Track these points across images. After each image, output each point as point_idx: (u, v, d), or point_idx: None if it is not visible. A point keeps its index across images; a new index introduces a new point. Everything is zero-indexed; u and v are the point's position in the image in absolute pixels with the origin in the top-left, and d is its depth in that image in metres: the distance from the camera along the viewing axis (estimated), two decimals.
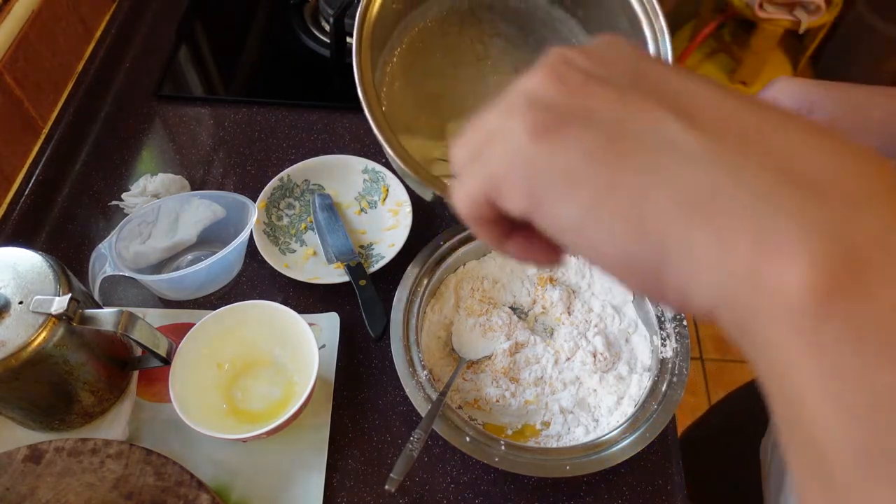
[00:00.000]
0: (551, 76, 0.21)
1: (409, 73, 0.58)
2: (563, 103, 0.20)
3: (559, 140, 0.20)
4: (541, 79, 0.21)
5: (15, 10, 0.75)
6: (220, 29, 1.00)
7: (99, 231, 0.75)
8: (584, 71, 0.21)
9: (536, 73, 0.22)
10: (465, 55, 0.59)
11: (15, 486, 0.51)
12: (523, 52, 0.60)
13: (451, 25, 0.58)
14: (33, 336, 0.49)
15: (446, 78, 0.59)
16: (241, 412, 0.60)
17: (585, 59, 0.21)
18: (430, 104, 0.59)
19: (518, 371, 0.62)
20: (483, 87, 0.59)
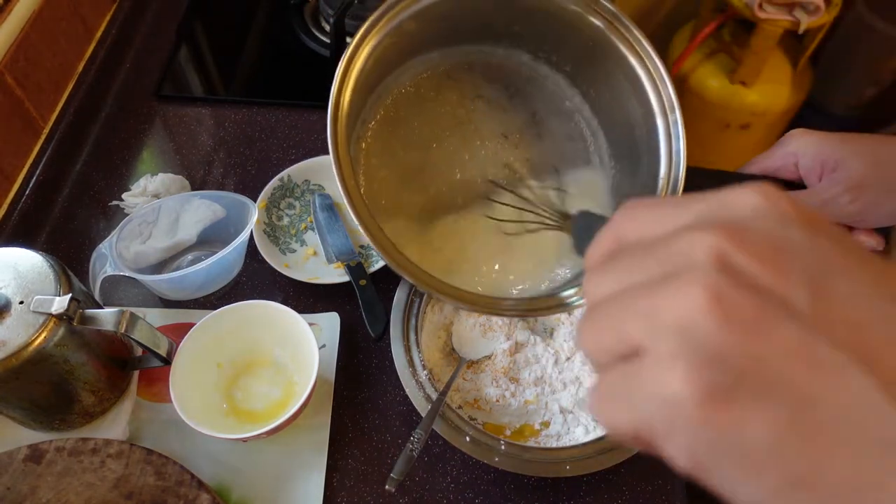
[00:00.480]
0: (713, 304, 0.17)
1: (387, 147, 0.53)
2: (734, 355, 0.17)
3: (734, 413, 0.17)
4: (700, 305, 0.17)
5: (16, 11, 0.75)
6: (221, 29, 1.00)
7: (99, 231, 0.75)
8: (752, 286, 0.17)
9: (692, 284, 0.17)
10: (446, 121, 0.54)
11: (16, 485, 0.51)
12: (508, 114, 0.56)
13: (429, 90, 0.54)
14: (34, 336, 0.49)
15: (427, 149, 0.54)
16: (241, 412, 0.60)
17: (751, 260, 0.17)
18: (412, 179, 0.54)
19: (518, 371, 0.62)
20: (468, 155, 0.55)
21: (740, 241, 0.18)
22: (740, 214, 0.19)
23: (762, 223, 0.19)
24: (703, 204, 0.20)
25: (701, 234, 0.18)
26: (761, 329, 0.17)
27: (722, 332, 0.17)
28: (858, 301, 0.17)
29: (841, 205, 0.47)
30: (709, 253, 0.18)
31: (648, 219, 0.21)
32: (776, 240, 0.18)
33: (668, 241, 0.19)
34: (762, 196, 0.19)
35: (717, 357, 0.17)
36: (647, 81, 0.49)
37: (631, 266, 0.20)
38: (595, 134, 0.55)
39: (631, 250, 0.20)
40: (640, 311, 0.18)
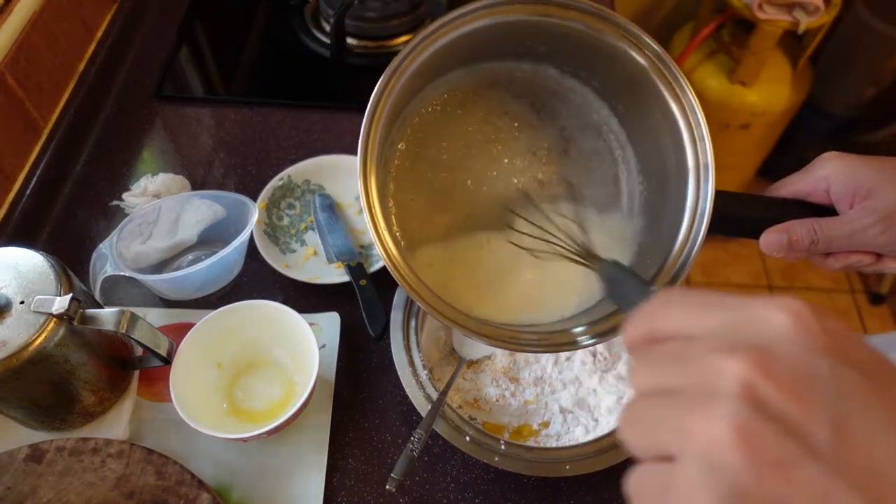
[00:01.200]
0: (740, 441, 0.18)
1: (415, 170, 0.53)
2: (756, 493, 0.18)
3: None
4: (728, 440, 0.18)
5: (16, 11, 0.75)
6: (221, 29, 1.00)
7: (100, 231, 0.75)
8: (777, 420, 0.18)
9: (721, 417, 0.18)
10: (473, 140, 0.54)
11: (16, 485, 0.52)
12: (537, 130, 0.55)
13: (455, 109, 0.53)
14: (34, 336, 0.49)
15: (456, 169, 0.53)
16: (241, 412, 0.60)
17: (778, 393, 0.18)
18: (441, 200, 0.53)
19: (518, 371, 0.62)
20: (497, 174, 0.54)
21: (767, 371, 0.19)
22: (769, 336, 0.20)
23: (790, 349, 0.19)
24: (733, 312, 0.21)
25: (732, 358, 0.19)
26: (783, 470, 0.18)
27: (746, 469, 0.18)
28: (878, 442, 0.18)
29: (871, 235, 0.46)
30: (737, 383, 0.19)
31: (679, 315, 0.22)
32: (803, 371, 0.19)
33: (699, 353, 0.20)
34: (793, 317, 0.20)
35: (740, 493, 0.18)
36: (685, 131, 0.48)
37: (666, 369, 0.21)
38: (623, 147, 0.54)
39: (666, 348, 0.22)
40: (675, 427, 0.20)
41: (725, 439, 0.18)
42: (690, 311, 0.22)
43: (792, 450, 0.18)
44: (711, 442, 0.18)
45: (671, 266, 0.49)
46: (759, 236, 0.48)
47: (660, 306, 0.23)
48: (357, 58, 0.94)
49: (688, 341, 0.21)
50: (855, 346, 0.20)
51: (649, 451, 0.21)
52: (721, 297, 0.22)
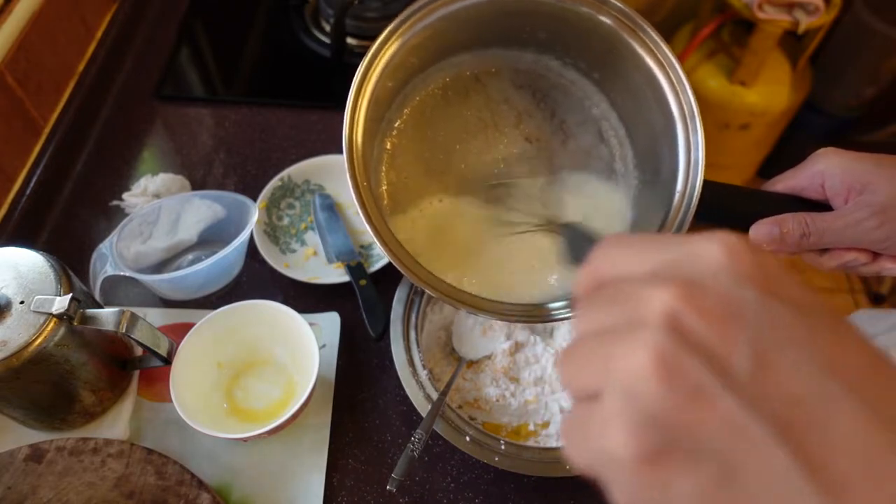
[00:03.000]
0: (658, 368, 0.18)
1: (410, 149, 0.54)
2: (670, 420, 0.18)
3: (664, 473, 0.18)
4: (646, 368, 0.18)
5: (16, 11, 0.75)
6: (221, 29, 1.00)
7: (100, 231, 0.75)
8: (697, 349, 0.18)
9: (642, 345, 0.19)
10: (471, 125, 0.55)
11: (16, 485, 0.52)
12: (534, 119, 0.55)
13: (456, 93, 0.54)
14: (34, 336, 0.49)
15: (452, 152, 0.55)
16: (241, 412, 0.60)
17: (700, 321, 0.18)
18: (434, 179, 0.54)
19: (518, 371, 0.62)
20: (492, 158, 0.55)
21: (692, 301, 0.19)
22: (701, 269, 0.20)
23: (720, 281, 0.19)
24: (670, 250, 0.21)
25: (659, 290, 0.19)
26: (699, 398, 0.18)
27: (662, 397, 0.18)
28: (799, 374, 0.18)
29: (865, 230, 0.45)
30: (662, 313, 0.19)
31: (621, 259, 0.22)
32: (728, 302, 0.19)
33: (632, 290, 0.20)
34: (726, 251, 0.20)
35: (655, 420, 0.18)
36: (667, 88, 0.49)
37: (602, 309, 0.21)
38: (622, 143, 0.55)
39: (605, 291, 0.22)
40: (601, 361, 0.20)
41: (645, 367, 0.18)
42: (632, 253, 0.22)
43: (709, 379, 0.18)
44: (631, 370, 0.19)
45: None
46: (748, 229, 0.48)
47: (604, 252, 0.23)
48: (357, 58, 0.93)
49: (626, 282, 0.21)
50: (787, 282, 0.20)
51: (580, 390, 0.21)
52: (663, 237, 0.22)
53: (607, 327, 0.20)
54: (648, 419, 0.18)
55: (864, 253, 0.47)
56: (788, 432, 0.18)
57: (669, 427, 0.18)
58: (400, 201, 0.53)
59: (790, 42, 1.53)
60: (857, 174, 0.45)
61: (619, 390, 0.19)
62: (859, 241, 0.46)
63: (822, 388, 0.18)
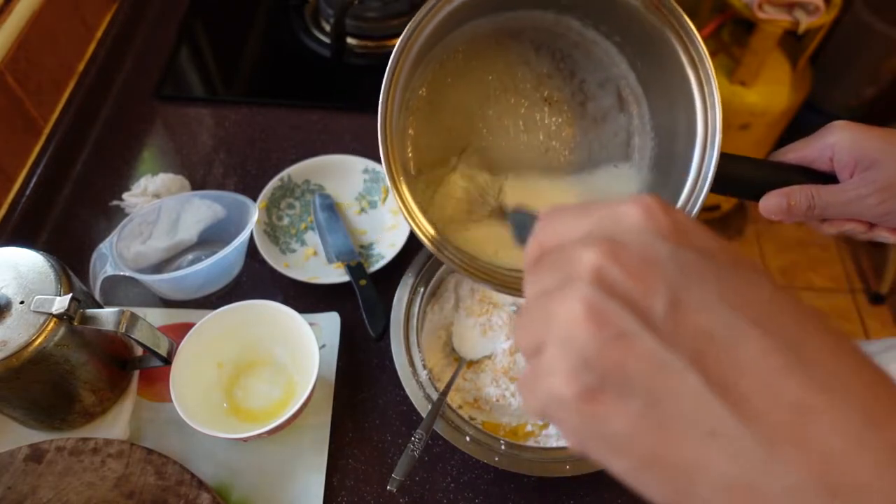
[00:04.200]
0: (587, 316, 0.21)
1: (433, 116, 0.54)
2: (601, 361, 0.21)
3: (600, 408, 0.21)
4: (577, 317, 0.21)
5: (16, 11, 0.75)
6: (221, 29, 1.00)
7: (100, 231, 0.75)
8: (621, 297, 0.21)
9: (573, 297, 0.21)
10: (491, 88, 0.55)
11: (16, 485, 0.52)
12: (554, 81, 0.55)
13: (476, 57, 0.54)
14: (34, 335, 0.49)
15: (473, 117, 0.55)
16: (241, 412, 0.60)
17: (622, 273, 0.21)
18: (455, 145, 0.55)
19: (518, 371, 0.62)
20: (511, 122, 0.55)
21: (615, 256, 0.22)
22: (623, 228, 0.23)
23: (638, 238, 0.22)
24: (598, 214, 0.24)
25: (586, 249, 0.22)
26: (623, 340, 0.21)
27: (592, 341, 0.21)
28: (708, 311, 0.21)
29: (867, 206, 0.47)
30: (589, 268, 0.22)
31: (560, 228, 0.25)
32: (646, 255, 0.22)
33: (567, 253, 0.23)
34: (644, 211, 0.23)
35: (587, 362, 0.21)
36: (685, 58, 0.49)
37: (544, 274, 0.24)
38: (640, 103, 0.55)
39: (548, 258, 0.24)
40: (542, 318, 0.23)
41: (577, 316, 0.21)
42: (567, 220, 0.25)
43: (631, 323, 0.21)
44: (566, 321, 0.21)
45: None
46: (759, 199, 0.49)
47: (544, 223, 0.26)
48: (357, 58, 0.94)
49: (562, 248, 0.24)
50: (696, 233, 0.23)
51: (529, 348, 0.23)
52: (593, 204, 0.25)
53: (548, 288, 0.23)
54: (582, 362, 0.21)
55: (862, 224, 0.49)
56: (700, 361, 0.20)
57: (600, 367, 0.21)
58: (423, 169, 0.53)
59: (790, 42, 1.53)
60: (866, 150, 0.46)
61: (557, 340, 0.22)
62: (860, 215, 0.48)
63: (728, 321, 0.20)
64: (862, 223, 0.49)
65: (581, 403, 0.21)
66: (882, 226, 0.49)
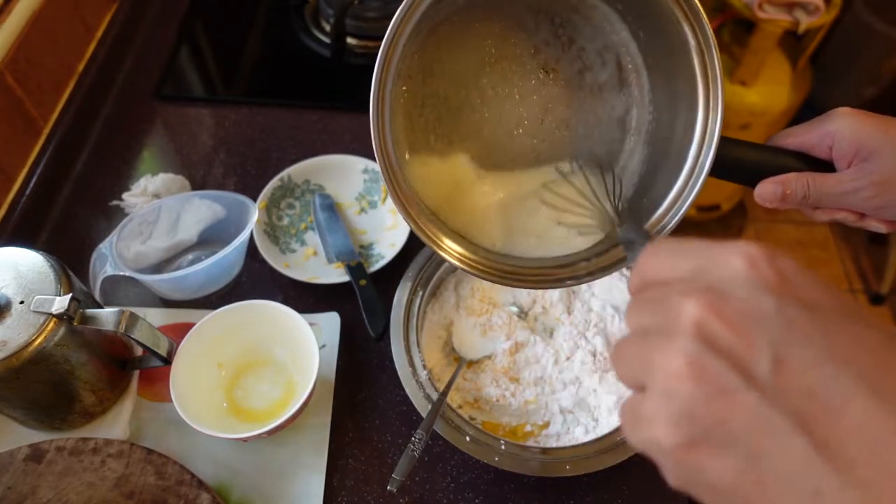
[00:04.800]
0: (690, 372, 0.21)
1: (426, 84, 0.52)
2: (703, 415, 0.21)
3: (701, 458, 0.22)
4: (681, 372, 0.22)
5: (16, 10, 0.75)
6: (221, 29, 1.00)
7: (100, 231, 0.75)
8: (723, 353, 0.21)
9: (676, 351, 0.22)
10: (487, 55, 0.53)
11: (16, 485, 0.51)
12: (553, 49, 0.53)
13: (470, 23, 0.52)
14: (34, 335, 0.49)
15: (467, 86, 0.53)
16: (241, 412, 0.60)
17: (725, 329, 0.21)
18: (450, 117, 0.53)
19: (518, 371, 0.62)
20: (507, 91, 0.54)
21: (717, 310, 0.22)
22: (725, 277, 0.23)
23: (741, 290, 0.22)
24: (700, 257, 0.24)
25: (688, 300, 0.22)
26: (725, 397, 0.21)
27: (694, 396, 0.21)
28: (813, 370, 0.21)
29: (861, 198, 0.47)
30: (692, 322, 0.22)
31: (662, 264, 0.26)
32: (749, 309, 0.22)
33: (667, 297, 0.24)
34: (747, 261, 0.23)
35: (689, 416, 0.22)
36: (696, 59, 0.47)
37: (644, 312, 0.25)
38: (639, 72, 0.53)
39: (647, 294, 0.25)
40: (644, 362, 0.23)
41: (679, 371, 0.22)
42: (667, 260, 0.26)
43: (733, 379, 0.21)
44: (668, 373, 0.22)
45: (671, 204, 0.50)
46: (755, 185, 0.49)
47: (646, 258, 0.27)
48: (357, 58, 0.94)
49: (664, 287, 0.25)
50: (802, 284, 0.23)
51: (630, 383, 0.25)
52: (692, 246, 0.25)
53: (648, 329, 0.24)
54: (684, 415, 0.22)
55: (854, 213, 0.49)
56: (804, 421, 0.20)
57: (701, 421, 0.21)
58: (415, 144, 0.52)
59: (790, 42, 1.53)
60: (865, 141, 0.46)
61: (659, 391, 0.22)
62: (853, 207, 0.48)
63: (834, 380, 0.20)
64: (854, 213, 0.49)
65: (681, 452, 0.22)
66: (874, 217, 0.49)
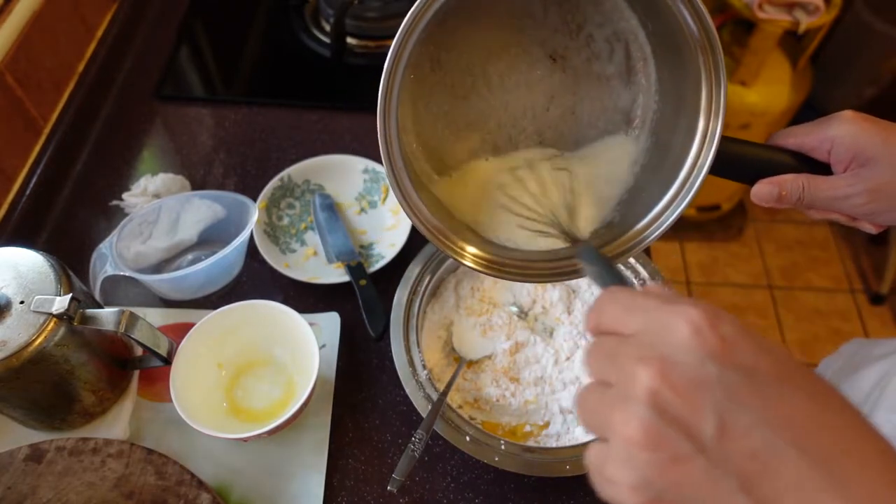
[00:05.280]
0: (645, 439, 0.24)
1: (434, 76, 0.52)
2: (658, 478, 0.24)
3: None
4: (637, 439, 0.24)
5: (17, 10, 0.75)
6: (221, 29, 1.00)
7: (100, 231, 0.75)
8: (674, 420, 0.24)
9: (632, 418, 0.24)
10: (494, 44, 0.52)
11: (16, 485, 0.52)
12: (561, 36, 0.52)
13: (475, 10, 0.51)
14: (34, 336, 0.49)
15: (475, 74, 0.53)
16: (241, 412, 0.60)
17: (675, 397, 0.24)
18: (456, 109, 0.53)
19: (518, 371, 0.62)
20: (514, 79, 0.53)
21: (667, 379, 0.24)
22: (674, 344, 0.25)
23: (686, 357, 0.25)
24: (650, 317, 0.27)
25: (643, 368, 0.25)
26: (678, 463, 0.24)
27: (651, 463, 0.24)
28: (752, 434, 0.23)
29: (854, 204, 0.48)
30: (646, 390, 0.24)
31: (616, 317, 0.28)
32: (695, 378, 0.24)
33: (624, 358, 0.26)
34: (692, 329, 0.25)
35: (649, 480, 0.24)
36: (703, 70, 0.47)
37: (603, 364, 0.28)
38: (646, 60, 0.53)
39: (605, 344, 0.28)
40: (604, 417, 0.26)
41: (637, 439, 0.24)
42: (621, 312, 0.28)
43: (684, 446, 0.24)
44: (628, 439, 0.24)
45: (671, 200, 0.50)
46: (752, 183, 0.50)
47: (603, 303, 0.29)
48: (357, 58, 0.94)
49: (618, 341, 0.27)
50: (742, 349, 0.25)
51: (592, 430, 0.27)
52: (643, 302, 0.27)
53: (606, 383, 0.27)
54: (642, 480, 0.24)
55: (846, 216, 0.50)
56: (746, 481, 0.23)
57: (658, 485, 0.24)
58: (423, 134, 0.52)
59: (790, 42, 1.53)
60: (864, 147, 0.47)
61: (619, 454, 0.25)
62: (845, 211, 0.49)
63: (770, 444, 0.23)
64: (846, 215, 0.50)
65: None
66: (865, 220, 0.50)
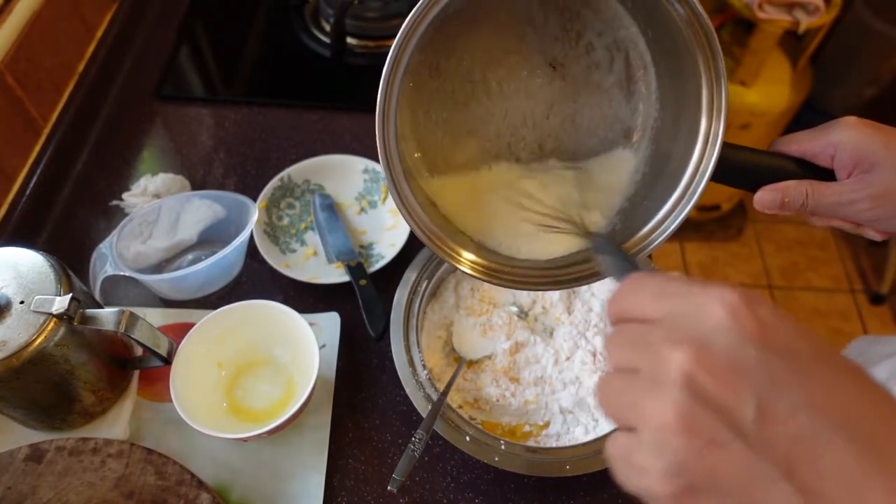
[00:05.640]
0: (681, 424, 0.23)
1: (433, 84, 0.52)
2: (694, 464, 0.23)
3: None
4: (672, 424, 0.23)
5: (16, 10, 0.75)
6: (221, 29, 1.00)
7: (100, 231, 0.75)
8: (711, 404, 0.22)
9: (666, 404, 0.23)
10: (494, 51, 0.52)
11: (16, 485, 0.52)
12: (561, 44, 0.52)
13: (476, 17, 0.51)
14: (34, 336, 0.49)
15: (475, 81, 0.52)
16: (241, 412, 0.60)
17: (711, 380, 0.23)
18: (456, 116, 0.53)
19: (518, 371, 0.62)
20: (513, 87, 0.53)
21: (704, 362, 0.23)
22: (709, 326, 0.24)
23: (724, 340, 0.23)
24: (681, 302, 0.25)
25: (676, 352, 0.23)
26: (714, 448, 0.22)
27: (685, 448, 0.23)
28: (794, 418, 0.22)
29: (857, 210, 0.47)
30: (680, 374, 0.23)
31: (643, 302, 0.27)
32: (733, 360, 0.23)
33: (653, 341, 0.25)
34: (728, 311, 0.24)
35: (683, 467, 0.23)
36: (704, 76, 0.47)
37: (628, 350, 0.26)
38: (647, 68, 0.53)
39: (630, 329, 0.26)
40: (632, 405, 0.25)
41: (671, 424, 0.23)
42: (648, 299, 0.26)
43: (722, 431, 0.22)
44: (660, 424, 0.23)
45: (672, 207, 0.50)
46: (755, 190, 0.50)
47: (627, 291, 0.28)
48: (357, 58, 0.94)
49: (646, 327, 0.26)
50: (780, 331, 0.24)
51: (616, 420, 0.26)
52: (673, 286, 0.26)
53: (633, 370, 0.25)
54: (677, 467, 0.23)
55: (850, 222, 0.50)
56: (789, 468, 0.22)
57: (693, 472, 0.23)
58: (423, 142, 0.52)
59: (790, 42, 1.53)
60: (867, 153, 0.46)
61: (651, 441, 0.24)
62: (849, 217, 0.49)
63: (813, 427, 0.22)
64: (849, 222, 0.50)
65: (675, 500, 0.23)
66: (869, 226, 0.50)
